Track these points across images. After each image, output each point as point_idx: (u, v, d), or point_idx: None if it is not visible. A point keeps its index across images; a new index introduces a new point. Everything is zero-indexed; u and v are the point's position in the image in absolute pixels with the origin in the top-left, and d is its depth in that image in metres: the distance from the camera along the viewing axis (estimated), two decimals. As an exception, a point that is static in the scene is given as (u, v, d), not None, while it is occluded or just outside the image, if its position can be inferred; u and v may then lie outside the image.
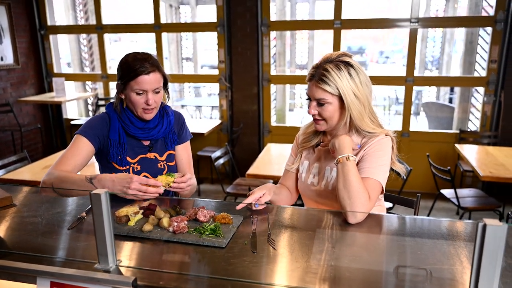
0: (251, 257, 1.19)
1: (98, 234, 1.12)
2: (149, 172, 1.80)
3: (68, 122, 5.51)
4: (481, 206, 3.35)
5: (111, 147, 1.73)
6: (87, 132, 1.72)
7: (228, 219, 1.39)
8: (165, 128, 1.80)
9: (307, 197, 1.76)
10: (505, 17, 4.15)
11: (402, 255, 1.22)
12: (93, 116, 1.83)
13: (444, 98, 8.42)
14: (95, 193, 1.09)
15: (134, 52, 1.72)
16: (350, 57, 1.58)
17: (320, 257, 1.19)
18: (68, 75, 5.83)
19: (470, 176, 4.56)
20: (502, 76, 4.26)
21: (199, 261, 1.19)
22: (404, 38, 20.61)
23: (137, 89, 1.66)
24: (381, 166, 1.54)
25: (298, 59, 9.50)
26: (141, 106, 1.69)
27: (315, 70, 1.58)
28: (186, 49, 9.81)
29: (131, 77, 1.65)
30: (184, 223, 1.34)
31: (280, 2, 5.68)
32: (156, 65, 1.69)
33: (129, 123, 1.74)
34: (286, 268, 1.15)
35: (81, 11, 6.42)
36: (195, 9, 9.23)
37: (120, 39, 16.29)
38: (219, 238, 1.29)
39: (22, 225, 1.43)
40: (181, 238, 1.29)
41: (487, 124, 4.49)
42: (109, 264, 1.14)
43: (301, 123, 8.84)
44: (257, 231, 1.35)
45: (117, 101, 1.76)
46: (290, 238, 1.32)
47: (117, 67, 1.72)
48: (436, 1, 8.27)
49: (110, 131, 1.74)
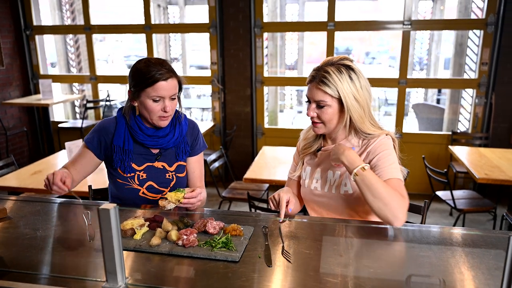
0: (267, 271, 1.15)
1: (106, 251, 1.06)
2: (156, 182, 1.74)
3: (55, 125, 5.37)
4: (476, 207, 3.36)
5: (115, 153, 1.69)
6: (90, 139, 1.73)
7: (239, 230, 1.35)
8: (176, 138, 1.73)
9: (311, 202, 1.73)
10: (495, 20, 4.19)
11: (422, 265, 1.19)
12: (101, 121, 1.78)
13: (432, 99, 8.50)
14: (104, 208, 1.03)
15: (145, 58, 1.66)
16: (351, 61, 1.58)
17: (338, 269, 1.15)
18: (55, 76, 5.69)
19: (462, 177, 4.59)
20: (493, 78, 4.29)
21: (212, 277, 1.14)
22: (390, 39, 20.85)
23: (155, 95, 1.60)
24: (394, 164, 1.53)
25: (288, 60, 9.48)
26: (158, 113, 1.63)
27: (316, 72, 1.56)
28: (174, 50, 9.71)
29: (149, 83, 1.58)
30: (194, 236, 1.29)
31: (272, 3, 5.64)
32: (172, 71, 1.63)
33: (138, 129, 1.68)
34: (305, 282, 1.10)
35: (67, 11, 6.28)
36: (183, 9, 9.14)
37: (104, 38, 16.07)
38: (232, 251, 1.24)
39: (19, 240, 1.36)
40: (192, 252, 1.23)
41: (478, 125, 4.52)
42: (118, 283, 1.08)
43: (292, 124, 8.83)
44: (269, 243, 1.31)
45: (127, 108, 1.70)
46: (304, 250, 1.27)
47: (130, 74, 1.66)
48: (423, 4, 8.34)
49: (114, 137, 1.70)
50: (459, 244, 1.31)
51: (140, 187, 1.72)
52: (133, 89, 1.64)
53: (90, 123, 5.25)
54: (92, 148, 1.72)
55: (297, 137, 1.85)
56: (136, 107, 1.68)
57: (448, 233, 1.41)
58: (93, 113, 5.58)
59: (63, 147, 5.14)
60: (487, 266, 1.17)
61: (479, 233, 1.39)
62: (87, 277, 1.13)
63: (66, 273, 1.15)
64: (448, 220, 4.08)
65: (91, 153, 1.72)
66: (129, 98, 1.69)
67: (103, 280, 1.10)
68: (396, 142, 1.61)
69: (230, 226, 1.37)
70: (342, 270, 1.15)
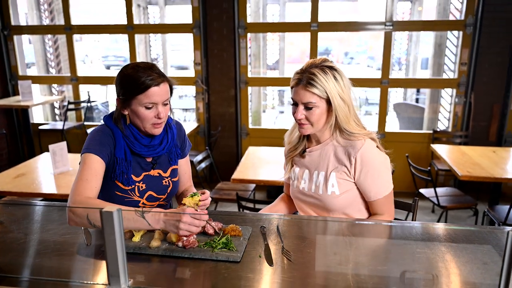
0: (269, 271, 1.16)
1: (109, 254, 1.05)
2: (155, 191, 1.65)
3: (36, 127, 5.24)
4: (458, 204, 3.45)
5: (118, 165, 1.57)
6: (97, 149, 1.53)
7: (238, 231, 1.35)
8: (169, 143, 1.66)
9: (300, 202, 1.78)
10: (474, 21, 4.31)
11: (425, 261, 1.22)
12: (94, 130, 1.63)
13: (411, 98, 8.67)
14: (107, 211, 1.02)
15: (132, 63, 1.57)
16: (331, 62, 1.63)
17: (338, 267, 1.17)
18: (35, 77, 5.56)
19: (443, 174, 4.70)
20: (472, 78, 4.41)
21: (216, 278, 1.14)
22: (368, 40, 21.15)
23: (147, 102, 1.50)
24: (380, 177, 1.60)
25: (269, 60, 9.52)
26: (151, 121, 1.53)
27: (301, 75, 1.59)
28: (154, 50, 9.61)
29: (141, 90, 1.49)
30: (194, 237, 1.29)
31: (254, 3, 5.65)
32: (163, 75, 1.55)
33: (134, 140, 1.59)
34: (309, 280, 1.12)
35: (45, 10, 6.14)
36: (163, 9, 9.06)
37: (81, 38, 15.77)
38: (232, 252, 1.24)
39: (13, 245, 1.33)
40: (193, 253, 1.23)
41: (458, 124, 4.64)
42: (121, 285, 1.07)
43: (274, 124, 8.86)
44: (269, 242, 1.32)
45: (118, 117, 1.59)
46: (303, 248, 1.29)
47: (117, 82, 1.55)
48: (402, 5, 8.49)
49: (116, 148, 1.57)
50: (452, 240, 1.35)
51: (141, 198, 1.63)
52: (122, 97, 1.54)
53: (72, 125, 5.15)
54: (106, 160, 1.55)
55: (281, 137, 1.90)
56: (127, 116, 1.58)
57: (442, 229, 1.45)
58: (74, 115, 5.48)
59: (44, 150, 5.03)
60: (482, 261, 1.21)
61: (474, 229, 1.43)
62: (89, 281, 1.11)
63: (66, 277, 1.14)
64: (431, 217, 4.18)
65: (101, 161, 1.53)
66: (118, 106, 1.59)
67: (105, 283, 1.08)
68: (378, 142, 1.66)
69: (229, 227, 1.37)
70: (342, 267, 1.17)
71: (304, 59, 19.10)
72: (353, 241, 1.36)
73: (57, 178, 3.00)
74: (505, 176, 3.12)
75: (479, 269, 1.16)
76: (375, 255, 1.28)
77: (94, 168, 1.48)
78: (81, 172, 1.47)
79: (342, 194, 1.62)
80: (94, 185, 1.46)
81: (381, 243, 1.40)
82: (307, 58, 1.78)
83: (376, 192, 1.60)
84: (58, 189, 2.82)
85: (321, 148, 1.69)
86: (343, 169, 1.62)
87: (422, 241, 1.35)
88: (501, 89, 4.36)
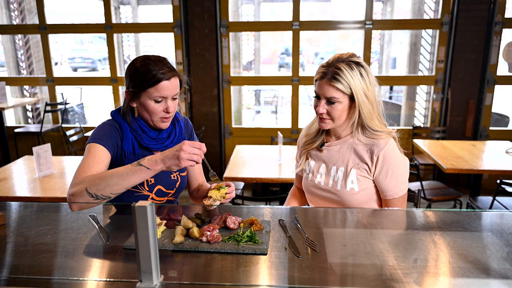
0: (298, 261, 1.16)
1: (141, 250, 1.02)
2: (163, 185, 1.65)
3: (11, 131, 5.03)
4: (443, 197, 3.57)
5: (126, 159, 1.55)
6: (103, 140, 1.52)
7: (259, 225, 1.34)
8: (178, 137, 1.67)
9: (314, 196, 1.77)
10: (450, 20, 4.47)
11: (454, 248, 1.25)
12: (102, 124, 1.61)
13: (384, 96, 8.89)
14: (140, 206, 0.99)
15: (142, 55, 1.55)
16: (359, 58, 1.61)
17: (365, 255, 1.18)
18: (7, 78, 5.34)
19: (423, 169, 4.85)
20: (448, 75, 4.57)
21: (246, 270, 1.13)
22: (336, 40, 21.51)
23: (157, 96, 1.50)
24: (400, 177, 1.63)
25: (244, 60, 9.52)
26: (160, 114, 1.53)
27: (326, 69, 1.58)
28: (127, 50, 9.43)
29: (151, 83, 1.48)
30: (217, 232, 1.27)
31: (233, 3, 5.64)
32: (174, 69, 1.54)
33: (142, 133, 1.58)
34: (338, 268, 1.13)
35: (15, 10, 5.91)
36: (136, 9, 8.90)
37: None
38: (258, 245, 1.23)
39: (28, 246, 1.27)
40: (219, 248, 1.22)
41: (436, 120, 4.79)
42: (153, 281, 1.05)
43: (252, 121, 8.87)
44: (291, 234, 1.32)
45: (126, 110, 1.59)
46: (326, 238, 1.30)
47: (127, 74, 1.55)
48: (374, 5, 8.68)
49: (123, 141, 1.56)
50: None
51: (150, 193, 1.63)
52: (131, 89, 1.53)
53: (49, 127, 4.98)
54: (112, 151, 1.53)
55: (263, 136, 1.93)
56: (135, 109, 1.58)
57: (457, 214, 1.50)
58: (50, 117, 5.30)
59: (21, 154, 4.84)
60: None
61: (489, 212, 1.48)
62: (118, 279, 1.08)
63: (93, 277, 1.10)
64: (414, 210, 4.29)
65: (106, 150, 1.51)
66: (126, 99, 1.58)
67: (136, 281, 1.05)
68: (397, 141, 1.69)
69: (248, 220, 1.36)
70: (369, 256, 1.18)
71: (275, 59, 19.23)
72: (374, 231, 1.38)
73: (42, 182, 2.90)
74: (487, 168, 3.25)
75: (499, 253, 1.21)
76: (398, 244, 1.30)
77: (97, 156, 1.47)
78: (84, 160, 1.47)
79: (361, 191, 1.64)
80: (96, 170, 1.44)
81: (403, 232, 1.42)
82: (278, 59, 1.80)
83: (394, 191, 1.63)
84: (44, 192, 2.72)
85: (341, 144, 1.69)
86: (364, 166, 1.63)
87: (443, 229, 1.38)
88: (476, 85, 4.54)
